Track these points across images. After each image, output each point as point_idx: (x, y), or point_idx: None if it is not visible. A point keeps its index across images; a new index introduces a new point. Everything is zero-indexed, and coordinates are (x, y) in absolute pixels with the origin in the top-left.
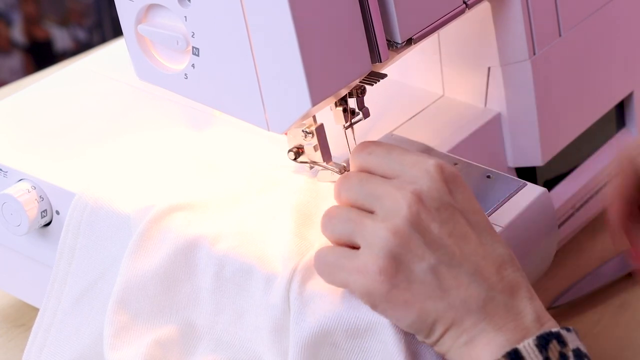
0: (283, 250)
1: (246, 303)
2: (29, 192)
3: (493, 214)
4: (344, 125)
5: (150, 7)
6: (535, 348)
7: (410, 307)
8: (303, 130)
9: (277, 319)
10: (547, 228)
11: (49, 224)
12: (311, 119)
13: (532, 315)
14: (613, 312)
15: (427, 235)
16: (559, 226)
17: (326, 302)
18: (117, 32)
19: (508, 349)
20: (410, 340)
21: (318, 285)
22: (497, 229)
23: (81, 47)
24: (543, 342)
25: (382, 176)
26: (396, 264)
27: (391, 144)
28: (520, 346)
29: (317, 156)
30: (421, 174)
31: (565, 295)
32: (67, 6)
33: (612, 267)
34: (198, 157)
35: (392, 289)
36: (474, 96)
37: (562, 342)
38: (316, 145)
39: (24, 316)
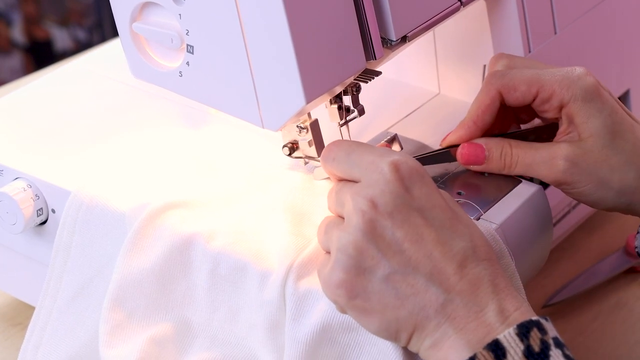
0: (279, 247)
1: (241, 300)
2: (24, 190)
3: (488, 211)
4: (339, 123)
5: (145, 5)
6: (516, 337)
7: (372, 316)
8: (297, 126)
9: (273, 316)
10: (542, 225)
11: (44, 222)
12: (306, 114)
13: (494, 311)
14: (609, 310)
15: (381, 243)
16: (555, 224)
17: (321, 298)
18: (117, 32)
19: (471, 350)
20: None
21: (314, 282)
22: (492, 226)
23: (81, 47)
24: (524, 330)
25: (350, 180)
26: (352, 276)
27: (352, 143)
28: (501, 336)
29: (312, 151)
30: (376, 176)
31: (561, 293)
32: (67, 6)
33: (608, 265)
34: (194, 156)
35: (351, 300)
36: (470, 94)
37: (542, 329)
38: (311, 140)
39: (20, 315)
